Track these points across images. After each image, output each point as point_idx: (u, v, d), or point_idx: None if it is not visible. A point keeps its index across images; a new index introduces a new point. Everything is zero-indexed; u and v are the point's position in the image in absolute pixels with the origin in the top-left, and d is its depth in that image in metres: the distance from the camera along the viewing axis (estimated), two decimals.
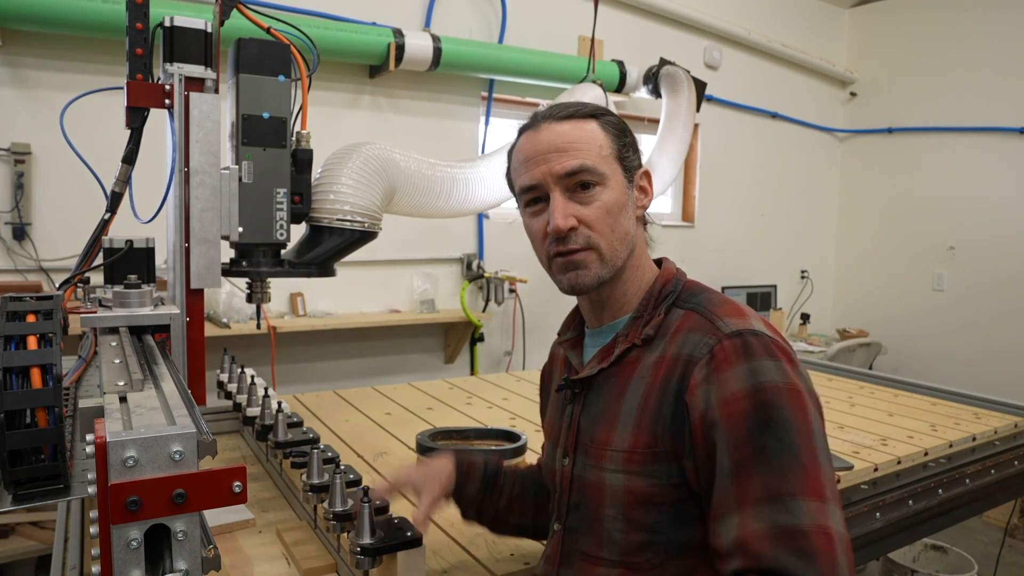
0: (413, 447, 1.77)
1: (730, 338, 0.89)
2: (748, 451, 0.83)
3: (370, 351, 3.53)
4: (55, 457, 0.75)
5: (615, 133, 1.01)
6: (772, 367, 0.86)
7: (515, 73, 3.65)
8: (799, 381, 0.87)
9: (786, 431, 0.83)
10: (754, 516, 0.81)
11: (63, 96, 1.75)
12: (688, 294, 1.00)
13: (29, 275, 2.71)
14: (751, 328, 0.90)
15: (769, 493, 0.81)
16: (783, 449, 0.82)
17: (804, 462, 0.82)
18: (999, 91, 4.59)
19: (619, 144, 1.01)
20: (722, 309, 0.94)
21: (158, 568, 0.63)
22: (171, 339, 1.31)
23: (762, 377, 0.85)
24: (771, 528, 0.80)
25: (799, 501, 0.80)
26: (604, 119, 1.02)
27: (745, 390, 0.85)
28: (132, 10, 1.31)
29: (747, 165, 4.99)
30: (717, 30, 4.60)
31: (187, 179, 1.34)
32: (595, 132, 0.99)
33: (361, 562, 1.07)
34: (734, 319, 0.91)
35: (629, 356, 0.98)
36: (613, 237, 0.98)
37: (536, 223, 1.02)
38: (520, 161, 1.03)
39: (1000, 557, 2.91)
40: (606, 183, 0.98)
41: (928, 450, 1.88)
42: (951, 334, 4.85)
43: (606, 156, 0.99)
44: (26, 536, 2.46)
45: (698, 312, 0.95)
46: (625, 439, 0.93)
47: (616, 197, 0.98)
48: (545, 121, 1.01)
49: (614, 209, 0.98)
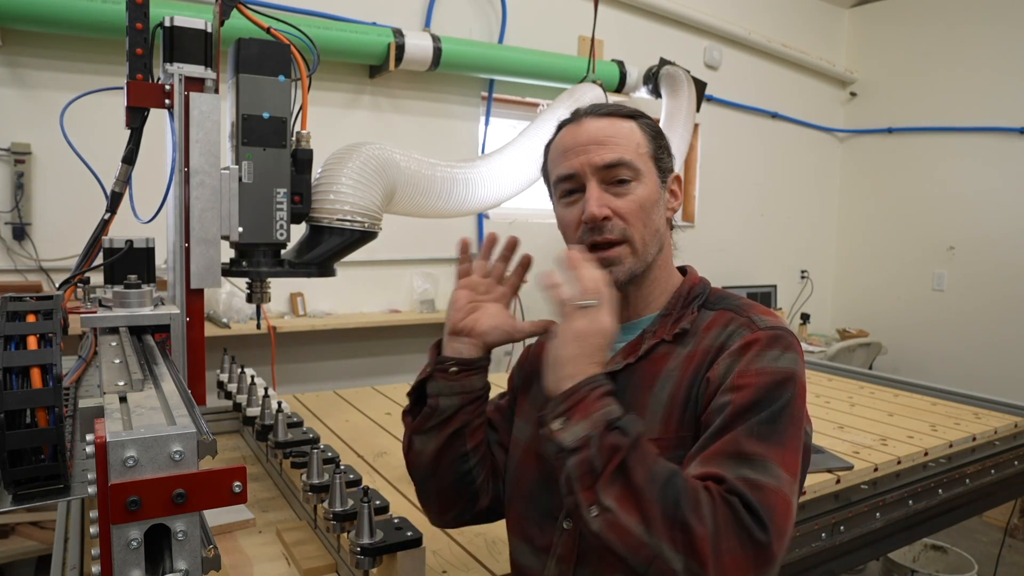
0: None
1: (765, 330, 0.94)
2: (744, 414, 0.85)
3: (370, 351, 3.53)
4: (55, 457, 0.75)
5: (652, 135, 1.05)
6: (793, 360, 0.92)
7: (515, 73, 3.65)
8: (806, 380, 0.93)
9: (783, 413, 0.86)
10: (723, 465, 0.81)
11: (63, 96, 1.75)
12: (716, 298, 1.05)
13: (29, 275, 2.71)
14: (784, 327, 0.96)
15: (743, 450, 0.82)
16: (773, 424, 0.85)
17: (785, 442, 0.85)
18: (999, 91, 4.60)
19: (655, 145, 1.04)
20: (757, 309, 0.99)
21: (158, 568, 0.63)
22: (171, 339, 1.31)
23: (783, 364, 0.90)
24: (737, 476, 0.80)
25: (769, 464, 0.82)
26: (642, 120, 1.05)
27: (767, 369, 0.89)
28: (132, 10, 1.31)
29: (747, 165, 4.99)
30: (717, 30, 4.60)
31: (187, 179, 1.34)
32: (633, 130, 1.03)
33: (361, 562, 1.07)
34: (769, 318, 0.97)
35: (657, 352, 1.00)
36: (646, 231, 1.01)
37: (570, 213, 1.03)
38: (559, 152, 1.05)
39: (1000, 557, 2.91)
40: (641, 179, 1.01)
41: (928, 450, 1.88)
42: (951, 334, 4.85)
43: (643, 154, 1.02)
44: (26, 536, 2.46)
45: (732, 311, 1.00)
46: (655, 428, 0.94)
47: (650, 193, 1.01)
48: (586, 116, 1.04)
49: (647, 204, 1.01)
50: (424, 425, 1.07)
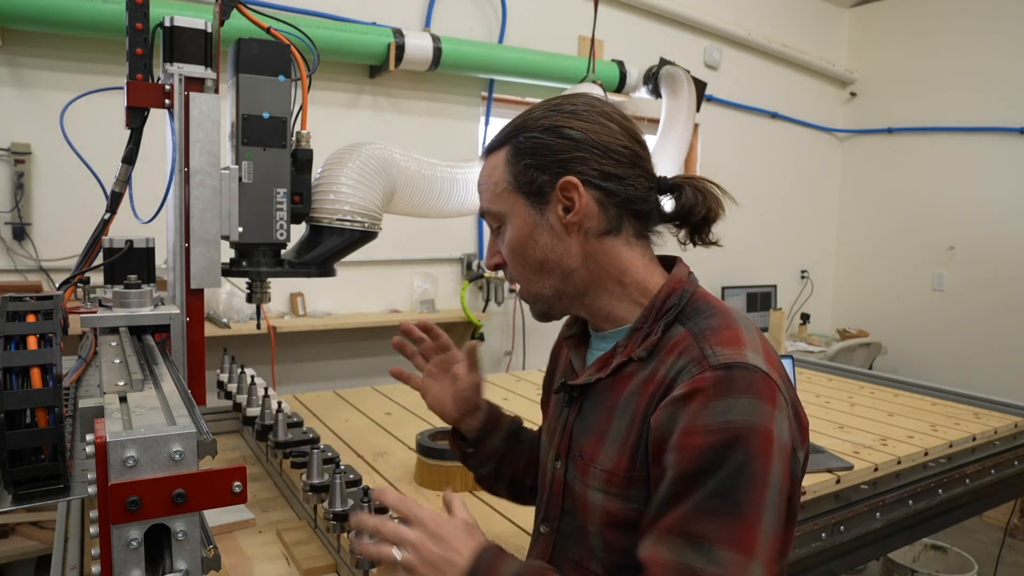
0: (413, 447, 1.77)
1: (714, 370, 0.81)
2: (691, 485, 0.78)
3: (370, 351, 3.53)
4: (55, 457, 0.75)
5: (514, 157, 0.94)
6: (750, 406, 0.79)
7: (515, 73, 3.65)
8: (774, 427, 0.79)
9: (737, 477, 0.77)
10: (668, 546, 0.78)
11: (63, 96, 1.75)
12: (692, 310, 0.92)
13: (29, 275, 2.71)
14: (742, 361, 0.82)
15: (691, 531, 0.77)
16: (726, 495, 0.77)
17: (743, 513, 0.77)
18: (999, 91, 4.60)
19: (515, 170, 0.94)
20: (717, 337, 0.86)
21: (158, 568, 0.63)
22: (171, 339, 1.31)
23: (733, 416, 0.78)
24: (677, 564, 0.76)
25: (717, 548, 0.75)
26: (515, 141, 0.95)
27: (711, 426, 0.78)
28: (132, 10, 1.31)
29: (747, 165, 4.99)
30: (717, 30, 4.60)
31: (187, 179, 1.34)
32: (496, 167, 0.96)
33: (361, 562, 1.07)
34: (726, 349, 0.83)
35: (625, 370, 0.92)
36: (525, 271, 0.97)
37: None
38: None
39: (1000, 557, 2.91)
40: (507, 220, 0.96)
41: (928, 450, 1.88)
42: (951, 334, 4.85)
43: (500, 193, 0.96)
44: (26, 536, 2.46)
45: (693, 335, 0.88)
46: (610, 458, 0.90)
47: (517, 232, 0.95)
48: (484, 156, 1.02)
49: (517, 245, 0.96)
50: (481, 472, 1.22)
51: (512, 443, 1.19)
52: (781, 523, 0.80)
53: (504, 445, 1.18)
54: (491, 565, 0.83)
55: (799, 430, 0.87)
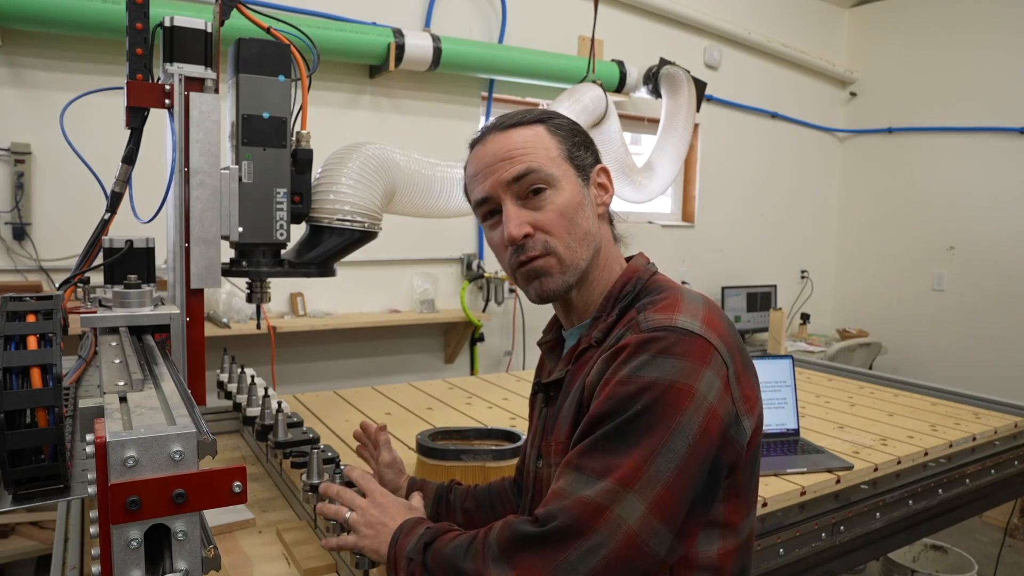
0: (413, 447, 1.77)
1: (644, 333, 0.86)
2: (593, 427, 0.84)
3: (370, 351, 3.53)
4: (55, 457, 0.75)
5: (564, 134, 0.99)
6: (669, 364, 0.83)
7: (515, 73, 3.65)
8: (696, 383, 0.82)
9: (634, 422, 0.81)
10: (562, 477, 0.84)
11: (63, 96, 1.76)
12: (645, 293, 0.97)
13: (29, 275, 2.71)
14: (671, 325, 0.86)
15: (580, 464, 0.83)
16: (619, 436, 0.81)
17: (630, 451, 0.80)
18: (999, 91, 4.60)
19: (568, 144, 0.99)
20: (657, 308, 0.90)
21: (158, 568, 0.63)
22: (171, 339, 1.31)
23: (646, 371, 0.83)
24: (560, 490, 0.83)
25: (596, 480, 0.80)
26: (551, 122, 1.00)
27: (623, 378, 0.84)
28: (132, 10, 1.31)
29: (747, 165, 4.99)
30: (717, 30, 4.60)
31: (187, 179, 1.34)
32: (541, 135, 0.98)
33: (361, 562, 1.07)
34: (660, 315, 0.88)
35: (584, 356, 0.97)
36: (571, 239, 0.96)
37: (496, 235, 1.00)
38: (471, 176, 1.03)
39: (1000, 557, 2.91)
40: (557, 185, 0.96)
41: (928, 450, 1.88)
42: (951, 334, 4.85)
43: (554, 158, 0.97)
44: (26, 536, 2.46)
45: (638, 311, 0.92)
46: (564, 432, 0.95)
47: (570, 198, 0.96)
48: (491, 132, 1.00)
49: (568, 210, 0.95)
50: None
51: (443, 508, 1.24)
52: (688, 477, 0.81)
53: (432, 512, 1.23)
54: (412, 527, 0.97)
55: (742, 398, 0.88)
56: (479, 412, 2.16)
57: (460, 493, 1.25)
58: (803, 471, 1.67)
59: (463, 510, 1.23)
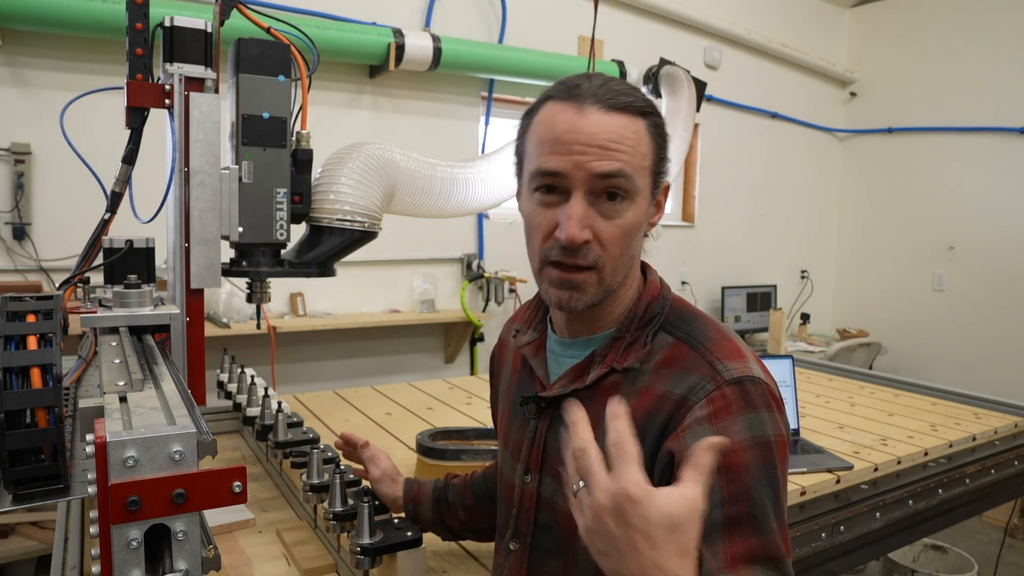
0: (413, 447, 1.77)
1: (730, 385, 0.81)
2: (744, 507, 0.77)
3: (370, 351, 3.53)
4: (55, 457, 0.75)
5: (659, 140, 0.89)
6: (768, 419, 0.81)
7: (515, 73, 3.65)
8: (785, 431, 0.83)
9: (776, 489, 0.80)
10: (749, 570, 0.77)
11: (63, 96, 1.75)
12: (677, 318, 0.91)
13: (29, 275, 2.71)
14: (751, 375, 0.83)
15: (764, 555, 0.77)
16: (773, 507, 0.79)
17: (783, 518, 0.81)
18: (999, 91, 4.60)
19: (659, 155, 0.89)
20: (720, 348, 0.85)
21: (158, 568, 0.63)
22: (171, 339, 1.31)
23: (761, 431, 0.80)
24: None
25: (785, 562, 0.78)
26: (652, 119, 0.88)
27: (746, 442, 0.79)
28: (132, 10, 1.31)
29: (747, 165, 4.99)
30: (717, 30, 4.60)
31: (187, 179, 1.34)
32: (641, 135, 0.86)
33: (361, 562, 1.08)
34: (734, 362, 0.84)
35: (606, 382, 0.89)
36: (620, 260, 0.87)
37: (542, 215, 0.88)
38: (548, 137, 0.86)
39: (1000, 557, 2.92)
40: (635, 199, 0.86)
41: (928, 450, 1.89)
42: (951, 334, 4.85)
43: (645, 167, 0.87)
44: (26, 536, 2.46)
45: (692, 347, 0.86)
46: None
47: (638, 217, 0.87)
48: (593, 104, 0.85)
49: (632, 231, 0.87)
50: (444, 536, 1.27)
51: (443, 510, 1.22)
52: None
53: (434, 516, 1.22)
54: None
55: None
56: (479, 412, 2.16)
57: (457, 490, 1.23)
58: (803, 471, 1.67)
59: (464, 507, 1.21)
